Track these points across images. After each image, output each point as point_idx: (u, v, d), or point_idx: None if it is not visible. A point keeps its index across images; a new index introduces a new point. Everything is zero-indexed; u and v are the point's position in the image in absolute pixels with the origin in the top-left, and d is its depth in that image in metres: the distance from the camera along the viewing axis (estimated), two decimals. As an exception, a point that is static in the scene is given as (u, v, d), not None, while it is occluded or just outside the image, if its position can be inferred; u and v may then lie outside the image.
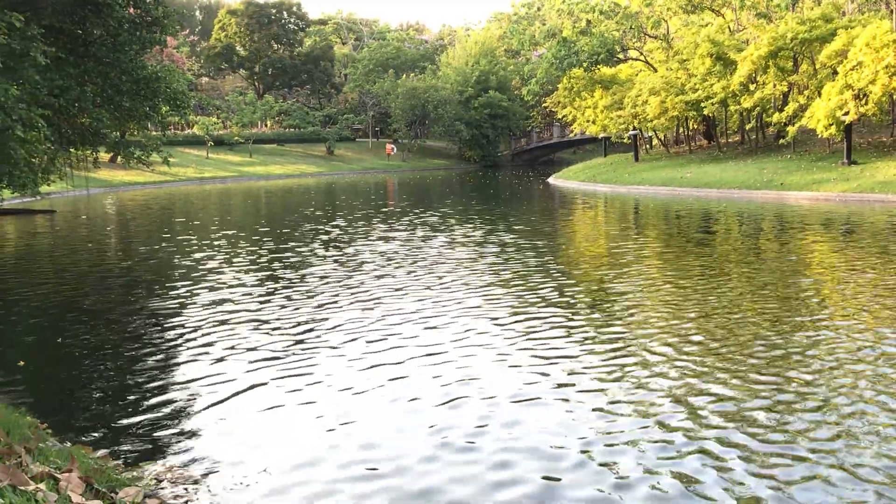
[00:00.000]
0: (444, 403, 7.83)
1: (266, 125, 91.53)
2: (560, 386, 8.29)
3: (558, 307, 12.27)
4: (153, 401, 8.17)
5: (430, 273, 15.79)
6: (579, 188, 48.47)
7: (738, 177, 39.09)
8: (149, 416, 7.70)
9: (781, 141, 42.87)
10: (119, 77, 20.80)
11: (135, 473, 5.95)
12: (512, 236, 21.97)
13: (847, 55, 36.04)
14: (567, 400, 7.85)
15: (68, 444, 6.20)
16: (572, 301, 12.80)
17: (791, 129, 40.21)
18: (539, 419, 7.33)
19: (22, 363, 9.57)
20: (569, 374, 8.67)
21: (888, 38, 33.90)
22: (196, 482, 6.05)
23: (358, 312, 12.19)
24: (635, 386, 8.20)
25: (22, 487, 3.86)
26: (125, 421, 7.58)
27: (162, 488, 5.81)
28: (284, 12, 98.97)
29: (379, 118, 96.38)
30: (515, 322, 11.27)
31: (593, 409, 7.54)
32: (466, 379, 8.55)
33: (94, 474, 4.67)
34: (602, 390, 8.09)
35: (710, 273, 15.06)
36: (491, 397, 7.96)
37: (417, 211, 31.66)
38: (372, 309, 12.40)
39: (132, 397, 8.29)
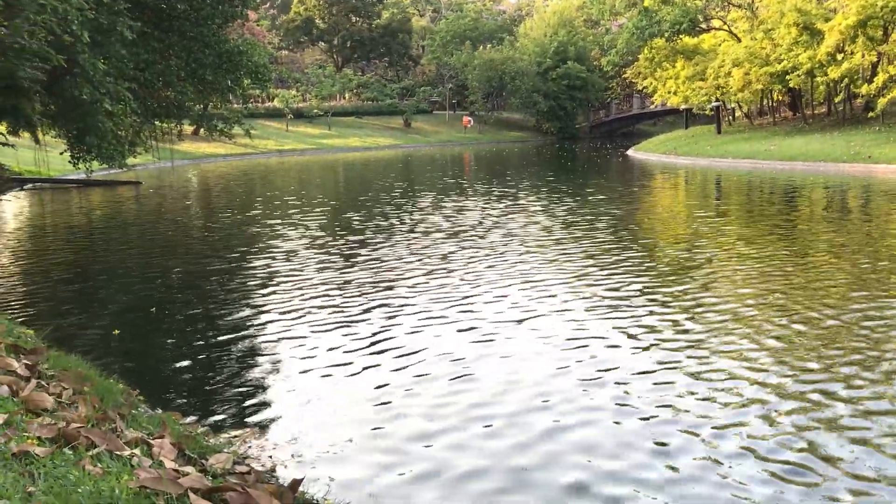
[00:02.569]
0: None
1: (344, 98, 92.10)
2: (634, 346, 8.23)
3: (634, 274, 12.14)
4: (240, 368, 8.34)
5: (507, 241, 15.76)
6: (659, 161, 47.77)
7: (824, 149, 38.05)
8: (236, 383, 7.87)
9: (870, 113, 41.53)
10: (202, 51, 21.14)
11: (222, 440, 6.09)
12: (589, 208, 21.77)
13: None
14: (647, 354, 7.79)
15: (159, 411, 6.37)
16: (649, 268, 12.66)
17: (881, 101, 38.95)
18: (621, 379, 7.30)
19: (117, 332, 9.85)
20: (642, 336, 8.60)
21: None
22: (283, 449, 6.17)
23: (438, 278, 12.25)
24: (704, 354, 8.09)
25: (118, 452, 3.97)
26: (213, 388, 7.76)
27: (250, 455, 5.94)
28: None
29: (456, 90, 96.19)
30: (590, 286, 11.19)
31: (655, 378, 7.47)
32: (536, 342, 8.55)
33: (184, 441, 4.78)
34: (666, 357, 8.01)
35: (792, 248, 14.74)
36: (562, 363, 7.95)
37: (494, 183, 31.60)
38: (451, 274, 12.46)
39: (219, 364, 8.47)
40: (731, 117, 59.01)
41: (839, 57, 41.44)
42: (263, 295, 11.91)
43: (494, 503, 5.38)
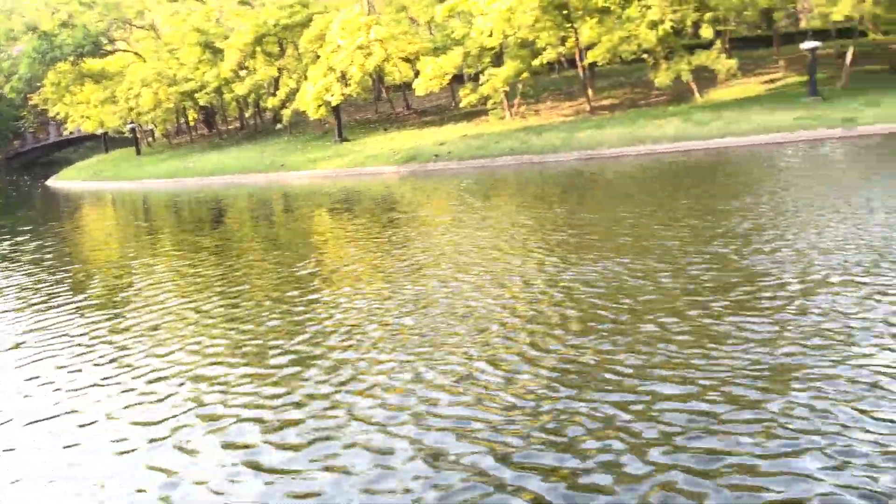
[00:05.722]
0: None
1: None
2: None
3: (67, 312, 11.75)
4: None
5: None
6: (83, 188, 46.25)
7: (239, 162, 39.93)
8: None
9: (278, 125, 44.48)
10: None
11: None
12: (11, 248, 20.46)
13: (326, 39, 38.32)
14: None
15: None
16: (82, 304, 12.32)
17: (286, 113, 41.90)
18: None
19: None
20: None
21: (360, 22, 36.64)
22: None
23: None
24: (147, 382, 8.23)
25: None
26: None
27: None
28: None
29: None
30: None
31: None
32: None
33: None
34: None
35: (222, 259, 15.38)
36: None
37: None
38: None
39: None
40: (151, 138, 59.16)
41: (242, 73, 43.75)
42: None
43: None
